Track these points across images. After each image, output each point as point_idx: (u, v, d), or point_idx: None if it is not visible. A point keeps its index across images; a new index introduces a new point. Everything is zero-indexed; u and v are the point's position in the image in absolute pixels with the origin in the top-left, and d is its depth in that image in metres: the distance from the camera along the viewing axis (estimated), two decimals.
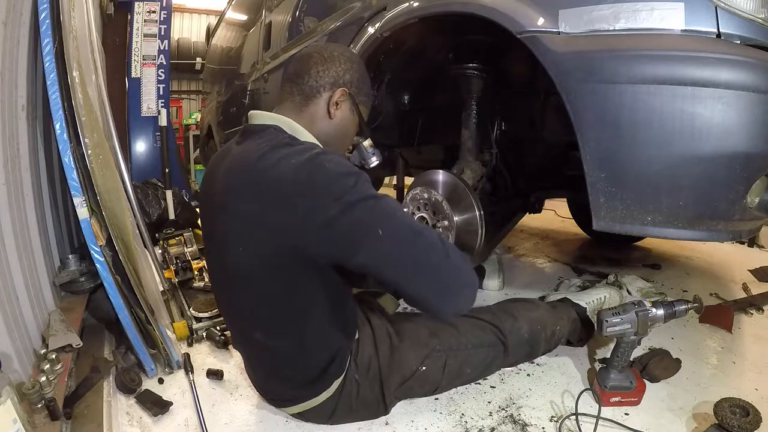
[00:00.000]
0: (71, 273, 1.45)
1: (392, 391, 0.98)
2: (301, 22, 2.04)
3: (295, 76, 0.92)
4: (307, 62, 0.92)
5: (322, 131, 0.92)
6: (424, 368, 0.99)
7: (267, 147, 0.80)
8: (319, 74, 0.90)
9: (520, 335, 1.08)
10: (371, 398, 0.97)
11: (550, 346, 1.15)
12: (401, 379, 0.98)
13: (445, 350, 1.01)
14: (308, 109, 0.91)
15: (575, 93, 0.93)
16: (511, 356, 1.09)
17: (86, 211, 1.13)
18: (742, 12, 0.86)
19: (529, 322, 1.10)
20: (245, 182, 0.79)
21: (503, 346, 1.07)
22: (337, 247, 0.75)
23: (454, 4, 1.15)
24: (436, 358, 1.00)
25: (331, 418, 0.97)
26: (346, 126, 0.96)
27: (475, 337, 1.05)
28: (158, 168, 3.12)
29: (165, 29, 3.34)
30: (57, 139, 1.14)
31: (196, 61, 6.67)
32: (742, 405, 0.91)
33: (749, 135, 0.84)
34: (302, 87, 0.91)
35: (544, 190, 1.80)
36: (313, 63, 0.91)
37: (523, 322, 1.09)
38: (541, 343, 1.11)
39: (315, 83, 0.90)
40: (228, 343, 1.35)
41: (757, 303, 1.55)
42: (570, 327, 1.18)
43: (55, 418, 0.89)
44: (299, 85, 0.91)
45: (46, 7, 1.22)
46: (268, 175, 0.76)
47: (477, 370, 1.08)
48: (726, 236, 0.95)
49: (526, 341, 1.09)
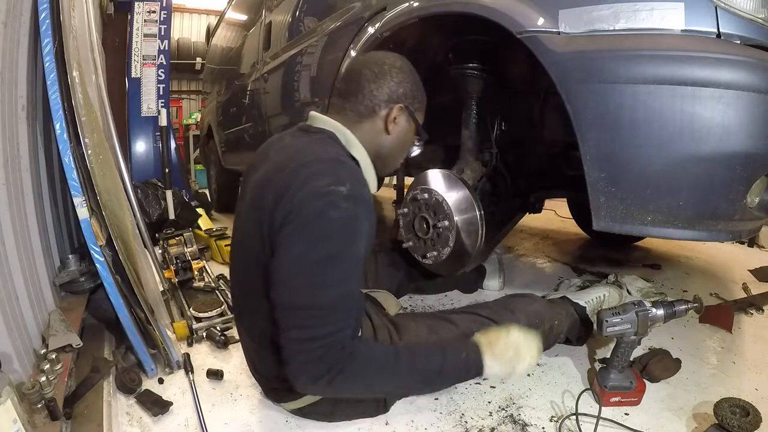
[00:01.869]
0: (71, 273, 1.45)
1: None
2: (301, 22, 2.04)
3: (348, 94, 0.93)
4: (359, 81, 0.92)
5: (380, 146, 0.94)
6: None
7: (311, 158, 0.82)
8: (373, 93, 0.91)
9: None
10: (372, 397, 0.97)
11: (549, 341, 1.14)
12: None
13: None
14: (364, 126, 0.92)
15: (575, 93, 0.93)
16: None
17: (86, 211, 1.13)
18: (742, 12, 0.86)
19: (527, 315, 1.10)
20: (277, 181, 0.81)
21: None
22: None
23: (455, 4, 1.15)
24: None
25: (331, 415, 0.98)
26: (403, 137, 0.97)
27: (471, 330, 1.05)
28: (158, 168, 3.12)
29: (165, 29, 3.34)
30: (57, 139, 1.14)
31: (196, 61, 6.68)
32: (742, 405, 0.90)
33: (749, 135, 0.84)
34: (356, 106, 0.92)
35: (544, 190, 1.80)
36: (365, 81, 0.91)
37: (521, 315, 1.09)
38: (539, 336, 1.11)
39: (370, 103, 0.91)
40: (228, 343, 1.35)
41: (757, 303, 1.55)
42: (569, 323, 1.18)
43: (55, 418, 0.89)
44: (353, 104, 0.92)
45: (46, 7, 1.22)
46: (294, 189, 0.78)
47: None
48: (726, 236, 0.95)
49: None
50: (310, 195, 0.76)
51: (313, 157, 0.82)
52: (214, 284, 1.79)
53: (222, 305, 1.53)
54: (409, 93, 0.94)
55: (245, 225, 0.89)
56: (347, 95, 0.93)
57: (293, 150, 0.86)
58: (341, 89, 0.95)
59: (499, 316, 1.09)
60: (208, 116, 3.91)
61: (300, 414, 1.00)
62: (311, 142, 0.88)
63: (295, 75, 2.05)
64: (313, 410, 0.97)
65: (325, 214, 0.75)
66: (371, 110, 0.92)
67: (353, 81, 0.93)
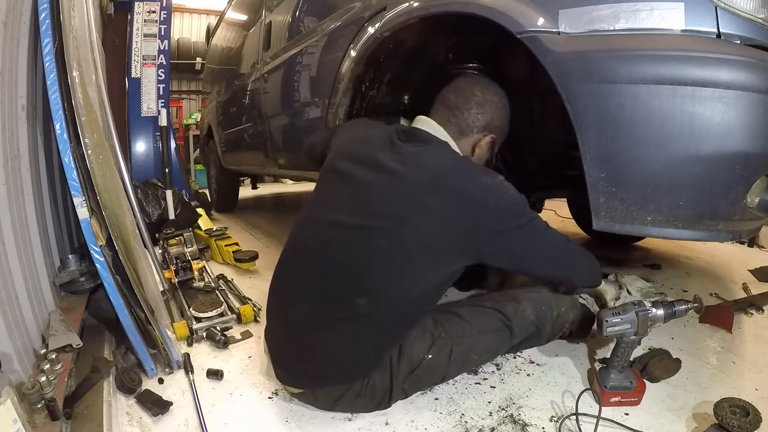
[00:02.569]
0: (71, 273, 1.45)
1: (400, 382, 0.99)
2: (301, 22, 2.04)
3: (455, 107, 1.05)
4: (469, 99, 1.05)
5: None
6: (430, 356, 1.00)
7: (463, 160, 1.02)
8: (477, 116, 1.05)
9: (525, 316, 1.08)
10: (379, 388, 0.97)
11: (555, 329, 1.13)
12: (409, 369, 0.99)
13: (450, 338, 1.03)
14: (461, 141, 1.06)
15: (575, 93, 0.93)
16: (517, 338, 1.08)
17: (86, 211, 1.13)
18: (742, 12, 0.86)
19: (533, 302, 1.10)
20: (443, 186, 0.93)
21: (508, 329, 1.06)
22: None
23: (455, 4, 1.15)
24: (441, 345, 1.01)
25: (335, 402, 0.98)
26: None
27: (480, 323, 1.06)
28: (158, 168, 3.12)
29: (165, 29, 3.33)
30: (57, 139, 1.14)
31: (196, 61, 6.68)
32: (742, 405, 0.90)
33: (749, 135, 0.84)
34: (459, 120, 1.05)
35: (544, 190, 1.80)
36: (475, 103, 1.05)
37: (527, 304, 1.09)
38: (546, 324, 1.10)
39: (471, 123, 1.05)
40: (228, 343, 1.35)
41: (757, 303, 1.55)
42: (574, 313, 1.17)
43: (55, 418, 0.89)
44: (456, 117, 1.05)
45: (46, 7, 1.22)
46: (477, 191, 0.93)
47: (484, 356, 1.09)
48: (726, 236, 0.95)
49: (531, 322, 1.08)
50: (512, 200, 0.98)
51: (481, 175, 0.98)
52: (214, 284, 1.79)
53: (222, 305, 1.53)
54: (502, 128, 1.10)
55: (393, 220, 0.93)
56: (454, 108, 1.05)
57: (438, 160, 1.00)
58: (450, 100, 1.06)
59: (504, 305, 1.08)
60: (208, 116, 3.91)
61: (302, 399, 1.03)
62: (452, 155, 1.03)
63: (295, 75, 2.05)
64: (320, 396, 0.99)
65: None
66: (470, 129, 1.05)
67: (463, 97, 1.05)
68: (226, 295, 1.72)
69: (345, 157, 1.08)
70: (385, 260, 0.94)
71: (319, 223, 1.04)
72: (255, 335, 1.42)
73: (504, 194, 0.95)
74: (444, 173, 0.96)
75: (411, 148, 1.00)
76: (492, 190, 0.94)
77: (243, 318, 1.51)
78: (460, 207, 0.92)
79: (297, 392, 1.03)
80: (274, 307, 1.08)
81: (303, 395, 1.03)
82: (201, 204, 3.25)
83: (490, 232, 0.93)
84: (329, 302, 0.97)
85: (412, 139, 1.03)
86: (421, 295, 0.98)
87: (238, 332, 1.44)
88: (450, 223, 0.92)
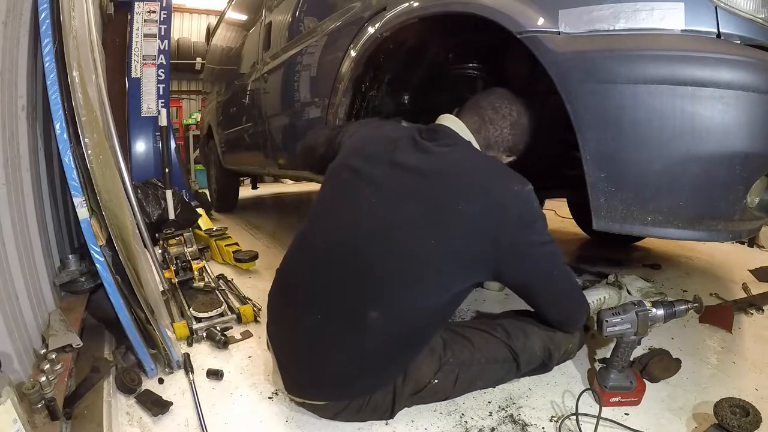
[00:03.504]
0: (71, 273, 1.45)
1: (403, 401, 0.98)
2: (301, 22, 2.04)
3: (489, 120, 1.04)
4: (506, 117, 1.04)
5: None
6: (436, 381, 0.99)
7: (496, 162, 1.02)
8: (508, 136, 1.05)
9: (533, 352, 1.05)
10: (381, 404, 0.96)
11: (561, 361, 1.13)
12: (414, 390, 0.98)
13: (458, 364, 1.00)
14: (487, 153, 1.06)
15: (575, 93, 0.93)
16: (523, 370, 1.08)
17: (86, 211, 1.13)
18: (742, 12, 0.86)
19: (542, 339, 1.06)
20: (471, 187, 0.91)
21: (515, 363, 1.05)
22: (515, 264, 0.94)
23: (454, 4, 1.15)
24: (449, 371, 1.00)
25: (336, 415, 0.98)
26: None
27: (489, 352, 1.03)
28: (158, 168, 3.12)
29: (165, 29, 3.34)
30: (57, 139, 1.14)
31: (196, 61, 6.68)
32: (742, 405, 0.90)
33: (749, 135, 0.84)
34: (488, 134, 1.04)
35: (544, 190, 1.79)
36: (510, 122, 1.04)
37: (536, 340, 1.06)
38: (554, 358, 1.08)
39: (501, 140, 1.05)
40: (228, 343, 1.35)
41: (757, 303, 1.55)
42: (579, 342, 1.16)
43: (55, 418, 0.89)
44: (487, 130, 1.04)
45: (46, 7, 1.22)
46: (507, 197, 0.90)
47: (489, 383, 1.08)
48: (726, 236, 0.95)
49: (538, 357, 1.06)
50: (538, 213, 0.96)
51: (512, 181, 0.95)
52: (214, 284, 1.79)
53: (222, 305, 1.53)
54: (521, 150, 1.10)
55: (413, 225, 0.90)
56: (488, 121, 1.04)
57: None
58: (484, 110, 1.05)
59: (513, 340, 1.05)
60: (208, 116, 3.91)
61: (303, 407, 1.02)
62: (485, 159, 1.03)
63: (295, 75, 2.05)
64: (321, 408, 0.98)
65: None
66: (497, 146, 1.05)
67: (500, 114, 1.04)
68: (226, 295, 1.72)
69: (360, 156, 1.03)
70: (405, 267, 0.90)
71: (333, 227, 0.99)
72: (255, 335, 1.42)
73: (532, 205, 0.92)
74: (477, 174, 0.93)
75: (437, 148, 0.96)
76: (521, 199, 0.91)
77: (243, 318, 1.51)
78: (488, 211, 0.89)
79: (299, 401, 1.02)
80: (279, 310, 1.05)
81: (304, 405, 1.01)
82: (201, 204, 3.25)
83: (511, 241, 0.90)
84: (339, 313, 0.93)
85: (437, 138, 0.99)
86: (433, 312, 0.95)
87: (238, 332, 1.44)
88: (475, 226, 0.89)
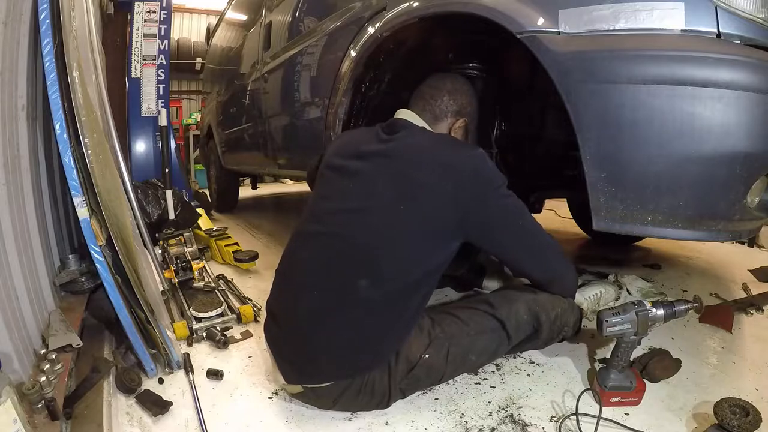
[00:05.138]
0: (71, 273, 1.45)
1: (398, 382, 0.99)
2: (301, 22, 2.04)
3: (429, 97, 1.14)
4: (441, 89, 1.14)
5: None
6: (427, 356, 1.01)
7: (443, 136, 1.13)
8: (449, 103, 1.13)
9: (519, 316, 1.08)
10: (378, 387, 0.98)
11: (553, 331, 1.11)
12: (407, 368, 1.00)
13: (447, 338, 1.04)
14: (434, 126, 1.14)
15: (575, 93, 0.93)
16: (515, 339, 1.08)
17: (86, 211, 1.13)
18: (742, 12, 0.86)
19: (527, 302, 1.09)
20: (427, 160, 1.00)
21: (504, 331, 1.07)
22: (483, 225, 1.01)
23: (454, 4, 1.15)
24: (439, 346, 1.02)
25: (336, 400, 0.99)
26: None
27: (476, 324, 1.06)
28: (158, 168, 3.12)
29: (165, 29, 3.33)
30: (57, 139, 1.14)
31: (196, 61, 6.68)
32: (742, 405, 0.90)
33: (749, 135, 0.84)
34: (432, 108, 1.13)
35: (544, 190, 1.80)
36: (446, 91, 1.14)
37: (520, 304, 1.09)
38: (543, 325, 1.09)
39: (444, 109, 1.13)
40: (228, 343, 1.35)
41: (757, 303, 1.55)
42: (574, 316, 1.16)
43: (55, 418, 0.89)
44: (430, 105, 1.13)
45: (46, 7, 1.22)
46: (458, 160, 0.99)
47: (482, 357, 1.09)
48: (726, 236, 0.95)
49: (525, 321, 1.08)
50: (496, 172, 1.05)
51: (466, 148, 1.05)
52: (214, 284, 1.79)
53: (222, 305, 1.53)
54: (472, 113, 1.18)
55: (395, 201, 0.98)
56: (428, 98, 1.14)
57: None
58: (423, 92, 1.15)
59: (497, 308, 1.08)
60: (208, 116, 3.91)
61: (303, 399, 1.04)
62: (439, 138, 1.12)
63: (295, 75, 2.05)
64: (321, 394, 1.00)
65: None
66: (443, 115, 1.13)
67: (435, 88, 1.14)
68: (226, 295, 1.72)
69: (336, 156, 1.13)
70: (387, 235, 0.98)
71: (321, 216, 1.07)
72: (255, 335, 1.42)
73: (484, 162, 1.00)
74: (428, 149, 1.03)
75: (395, 136, 1.07)
76: (472, 159, 0.99)
77: (243, 318, 1.51)
78: (445, 176, 0.97)
79: (297, 392, 1.04)
80: (277, 305, 1.09)
81: (303, 395, 1.03)
82: (201, 204, 3.25)
83: (470, 196, 0.97)
84: (332, 289, 0.99)
85: (395, 130, 1.08)
86: (419, 278, 0.99)
87: (238, 332, 1.44)
88: (438, 193, 0.97)
